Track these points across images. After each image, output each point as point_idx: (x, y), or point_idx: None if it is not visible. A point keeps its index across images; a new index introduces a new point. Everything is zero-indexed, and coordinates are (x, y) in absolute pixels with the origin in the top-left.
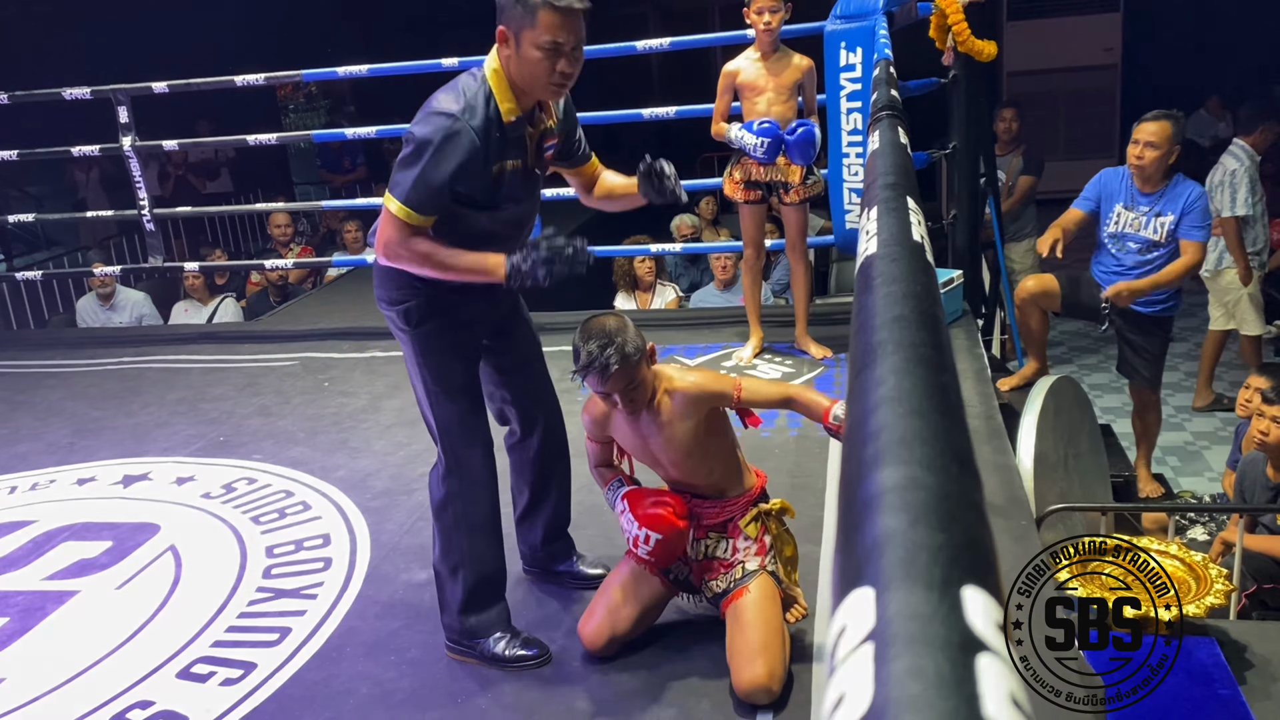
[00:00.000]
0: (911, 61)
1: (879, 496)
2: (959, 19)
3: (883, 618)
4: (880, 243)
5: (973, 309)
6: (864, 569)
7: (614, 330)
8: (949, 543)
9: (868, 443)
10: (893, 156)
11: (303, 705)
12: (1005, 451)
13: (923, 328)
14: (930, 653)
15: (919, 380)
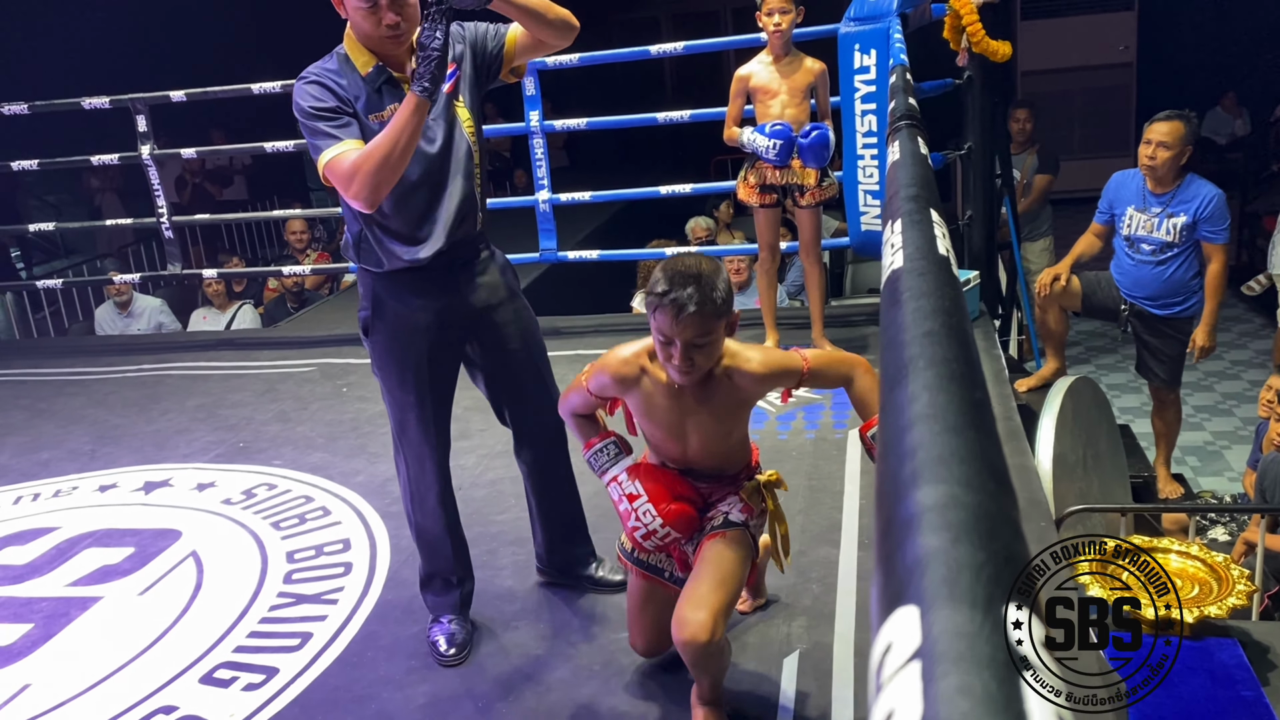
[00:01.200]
0: (925, 62)
1: (919, 515)
2: (973, 20)
3: (928, 636)
4: (906, 256)
5: (989, 310)
6: (907, 588)
7: (706, 272)
8: (990, 561)
9: (905, 461)
10: (914, 168)
11: (325, 710)
12: (1024, 453)
13: (953, 343)
14: (978, 671)
15: (953, 396)
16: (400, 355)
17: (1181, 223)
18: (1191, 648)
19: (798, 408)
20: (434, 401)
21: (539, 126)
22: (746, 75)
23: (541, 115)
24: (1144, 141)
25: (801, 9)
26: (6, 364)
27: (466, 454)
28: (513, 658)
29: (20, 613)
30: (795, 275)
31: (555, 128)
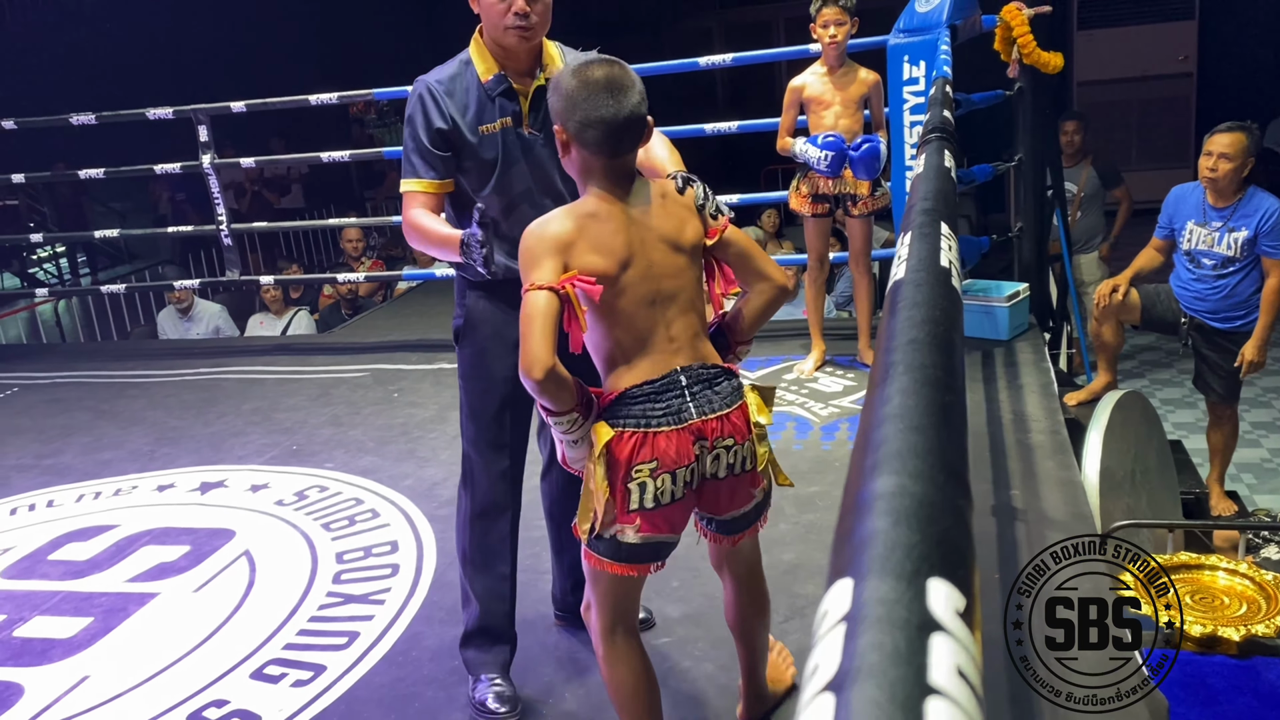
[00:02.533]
0: (977, 73)
1: (872, 501)
2: (1024, 31)
3: (857, 603)
4: (909, 268)
5: (1040, 322)
6: (850, 563)
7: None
8: (923, 542)
9: (869, 454)
10: (934, 182)
11: (370, 707)
12: (1070, 466)
13: (935, 350)
14: (891, 631)
15: (921, 399)
16: (489, 367)
17: (1242, 237)
18: (1238, 666)
19: (841, 418)
20: (513, 421)
21: None
22: (800, 86)
23: None
24: (1204, 153)
25: (856, 20)
26: (71, 366)
27: None
28: (554, 661)
29: (81, 606)
30: (844, 286)
31: None
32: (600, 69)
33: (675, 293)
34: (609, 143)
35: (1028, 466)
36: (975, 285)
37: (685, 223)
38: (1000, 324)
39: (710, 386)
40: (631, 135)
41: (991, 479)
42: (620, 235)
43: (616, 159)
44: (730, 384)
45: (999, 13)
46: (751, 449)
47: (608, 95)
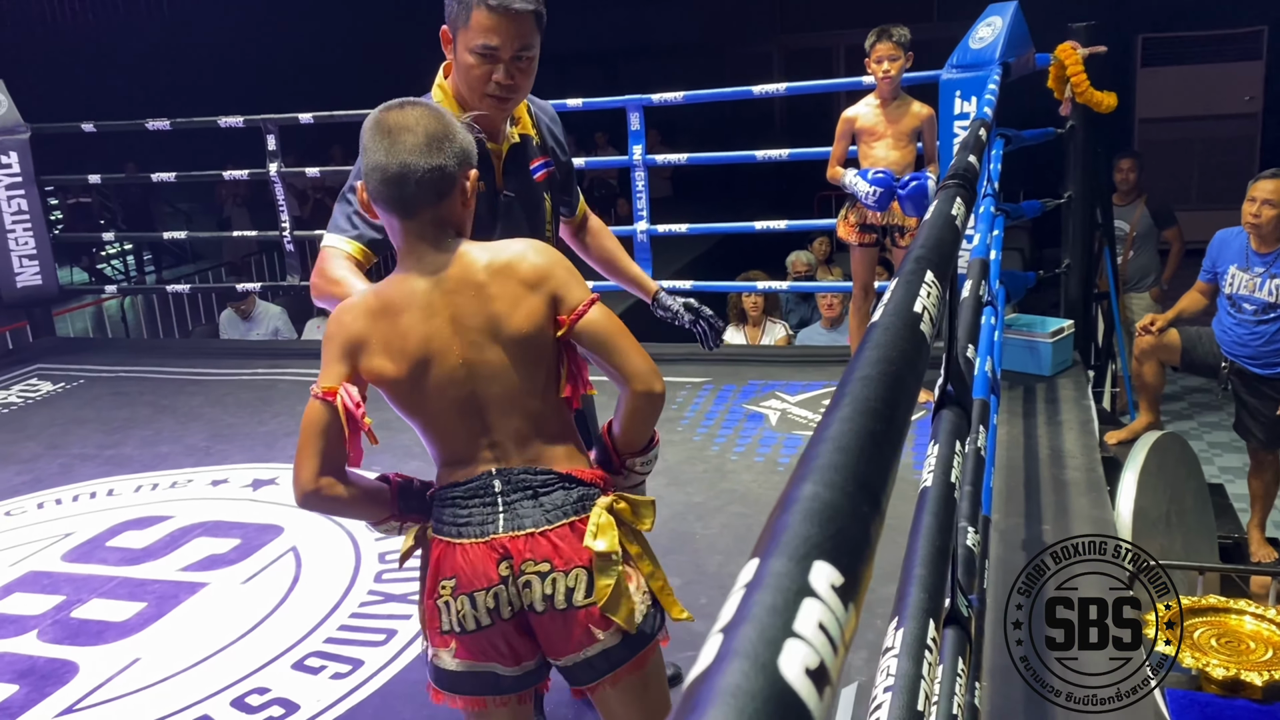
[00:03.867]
0: (1031, 108)
1: (790, 504)
2: (1078, 70)
3: (757, 575)
4: (884, 311)
5: (1084, 359)
6: (760, 549)
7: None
8: (818, 534)
9: (802, 468)
10: (935, 230)
11: (404, 702)
12: (1104, 505)
13: (882, 386)
14: (772, 593)
15: (855, 426)
16: None
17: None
18: (1261, 711)
19: None
20: None
21: (641, 160)
22: (853, 117)
23: (644, 149)
24: (1248, 199)
25: (911, 55)
26: (134, 361)
27: None
28: None
29: (135, 592)
30: None
31: (657, 162)
32: (395, 111)
33: (496, 394)
34: (390, 196)
35: (1061, 502)
36: (1020, 320)
37: (518, 305)
38: (1043, 359)
39: (535, 496)
40: (418, 190)
41: (1024, 513)
42: (418, 329)
43: (410, 219)
44: (568, 495)
45: (1053, 51)
46: (583, 579)
47: (386, 139)
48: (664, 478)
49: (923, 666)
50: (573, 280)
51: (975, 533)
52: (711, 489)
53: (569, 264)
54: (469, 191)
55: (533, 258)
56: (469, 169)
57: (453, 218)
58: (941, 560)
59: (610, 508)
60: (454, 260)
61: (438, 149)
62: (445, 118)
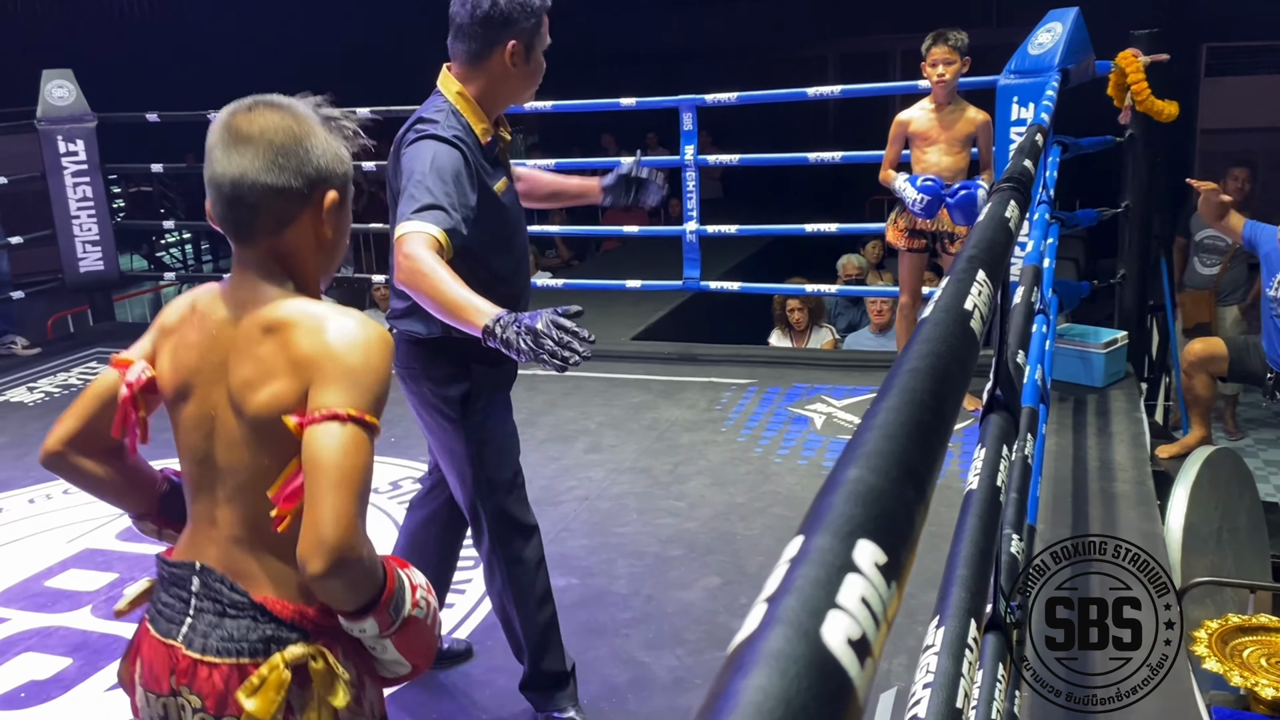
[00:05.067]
0: (1089, 116)
1: (836, 486)
2: (1139, 78)
3: (802, 550)
4: (935, 308)
5: (1138, 371)
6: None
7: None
8: (862, 514)
9: (848, 453)
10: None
11: (445, 689)
12: (1153, 519)
13: (929, 379)
14: (817, 567)
15: (903, 416)
16: (504, 428)
17: None
18: None
19: None
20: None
21: (693, 160)
22: (907, 120)
23: (696, 150)
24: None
25: (968, 60)
26: None
27: (596, 467)
28: (620, 663)
29: None
30: None
31: (708, 162)
32: (242, 114)
33: (227, 471)
34: (224, 217)
35: (1109, 515)
36: (1073, 330)
37: (268, 381)
38: (1095, 370)
39: (222, 616)
40: (233, 209)
41: (1071, 524)
42: (193, 352)
43: (245, 246)
44: (252, 629)
45: (1114, 58)
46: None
47: (225, 148)
48: (707, 478)
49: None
50: (341, 385)
51: (1020, 540)
52: (754, 490)
53: (366, 367)
54: (326, 219)
55: (314, 339)
56: (326, 190)
57: (297, 253)
58: (984, 562)
59: (292, 664)
60: (263, 305)
61: (284, 165)
62: (304, 125)
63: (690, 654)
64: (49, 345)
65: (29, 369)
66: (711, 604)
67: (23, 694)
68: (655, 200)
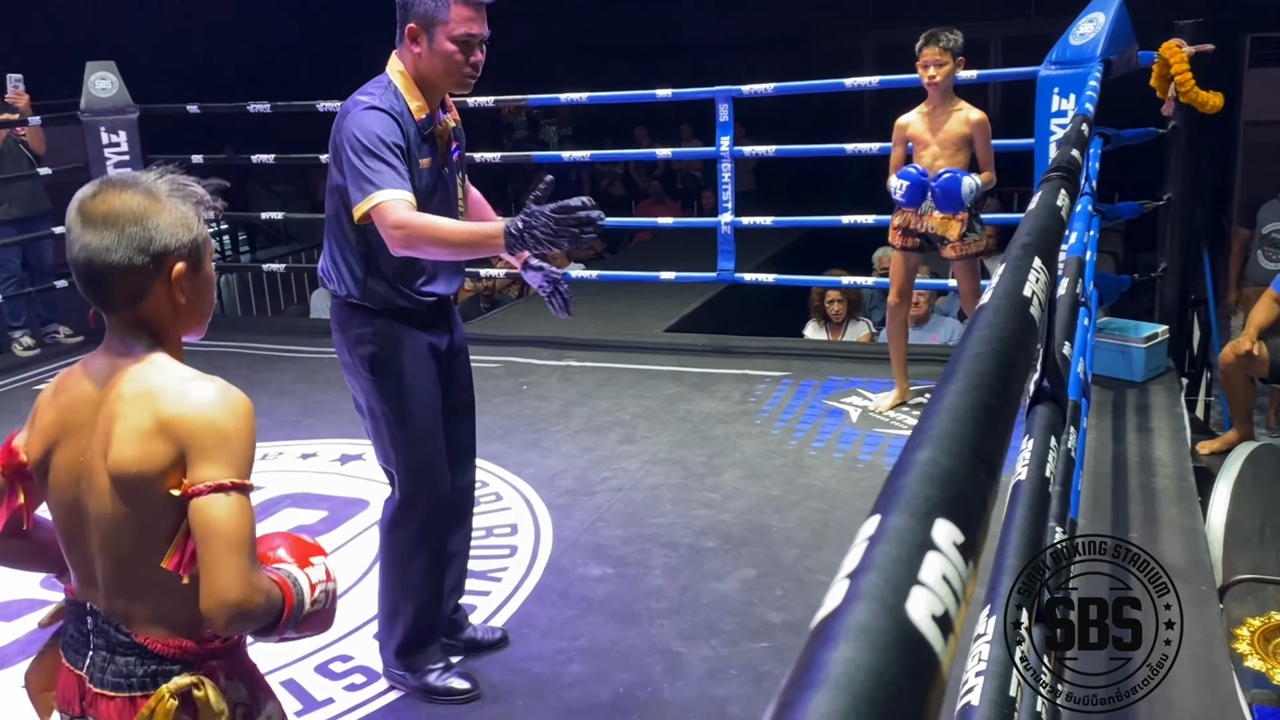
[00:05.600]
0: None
1: (909, 467)
2: (1183, 69)
3: (879, 529)
4: (994, 294)
5: (1178, 367)
6: (881, 506)
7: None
8: (939, 495)
9: (918, 436)
10: (1040, 219)
11: (482, 676)
12: (1194, 515)
13: (994, 364)
14: (897, 545)
15: (969, 399)
16: (421, 388)
17: None
18: None
19: None
20: (442, 433)
21: (728, 151)
22: (905, 124)
23: (732, 141)
24: None
25: (961, 60)
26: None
27: (630, 458)
28: (654, 652)
29: None
30: None
31: (744, 153)
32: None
33: (97, 523)
34: (89, 295)
35: (1150, 511)
36: (1112, 324)
37: (133, 443)
38: (1135, 365)
39: (112, 653)
40: (92, 287)
41: (1110, 520)
42: (61, 413)
43: (111, 316)
44: (138, 666)
45: (1157, 49)
46: None
47: (80, 230)
48: (741, 470)
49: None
50: (213, 451)
51: (1064, 533)
52: (789, 483)
53: (231, 433)
54: (177, 285)
55: (180, 404)
56: (175, 261)
57: (157, 318)
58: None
59: (184, 692)
60: (133, 366)
61: (128, 244)
62: (148, 202)
63: (725, 645)
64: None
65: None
66: (746, 596)
67: None
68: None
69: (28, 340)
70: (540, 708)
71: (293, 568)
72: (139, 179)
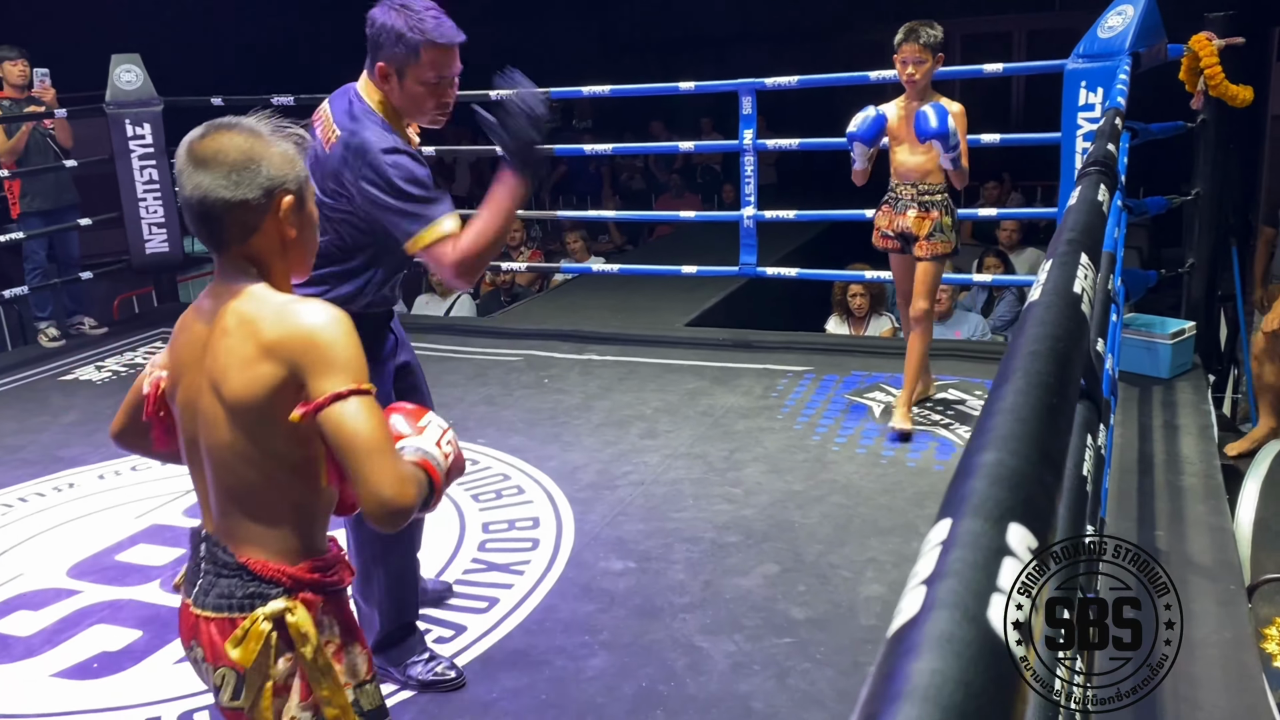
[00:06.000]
0: (1157, 101)
1: (975, 469)
2: (1213, 62)
3: (952, 533)
4: (1043, 291)
5: (1205, 363)
6: (950, 509)
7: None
8: (1010, 498)
9: (981, 436)
10: (1083, 214)
11: (503, 668)
12: (1222, 513)
13: (1051, 362)
14: (972, 550)
15: (1030, 399)
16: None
17: None
18: None
19: None
20: None
21: (751, 144)
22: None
23: (755, 134)
24: None
25: (940, 55)
26: None
27: (651, 452)
28: (677, 647)
29: None
30: (1003, 309)
31: (767, 146)
32: (198, 141)
33: (212, 450)
34: (200, 233)
35: (1177, 509)
36: (1138, 320)
37: (245, 369)
38: (1162, 361)
39: (218, 576)
40: (205, 224)
41: (1136, 518)
42: (183, 349)
43: (221, 255)
44: (239, 587)
45: (1187, 42)
46: (230, 681)
47: (191, 171)
48: (763, 465)
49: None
50: (325, 365)
51: (1093, 531)
52: (812, 478)
53: (336, 345)
54: (286, 219)
55: (280, 327)
56: (283, 196)
57: (265, 254)
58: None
59: (279, 617)
60: (234, 301)
61: (239, 180)
62: (255, 141)
63: (748, 640)
64: (115, 325)
65: (97, 348)
66: (769, 591)
67: (95, 664)
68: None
69: (53, 331)
70: (563, 701)
71: (419, 440)
72: (243, 121)
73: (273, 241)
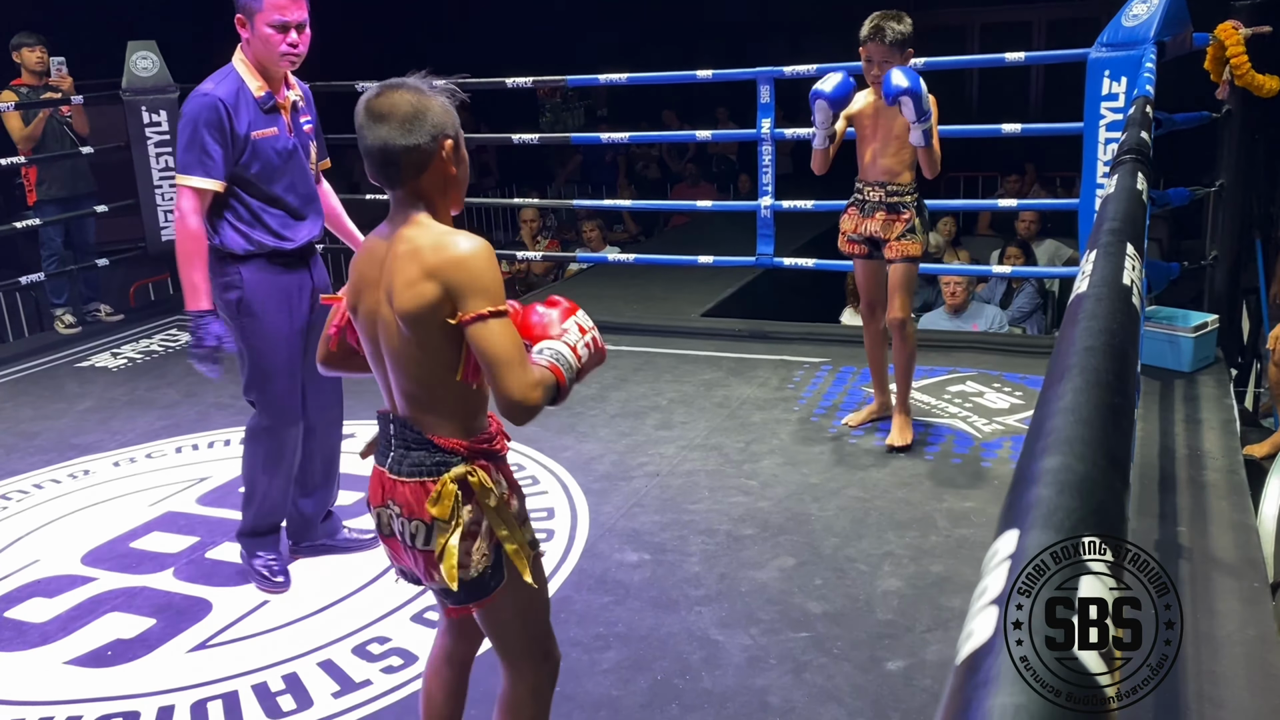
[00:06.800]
0: (1180, 92)
1: (1040, 475)
2: (1239, 51)
3: (1021, 546)
4: (1091, 283)
5: (1228, 357)
6: (1018, 519)
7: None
8: (1081, 508)
9: (1041, 438)
10: (1124, 203)
11: None
12: (1246, 510)
13: (1109, 358)
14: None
15: (1091, 398)
16: (277, 328)
17: None
18: None
19: (1005, 436)
20: (298, 370)
21: (769, 134)
22: (852, 113)
23: (773, 123)
24: None
25: (909, 52)
26: None
27: (667, 444)
28: (692, 640)
29: None
30: (1022, 301)
31: (785, 135)
32: (374, 99)
33: (391, 352)
34: (377, 176)
35: (1199, 505)
36: (1160, 313)
37: (410, 286)
38: (1184, 355)
39: (407, 449)
40: (384, 168)
41: (1158, 513)
42: (362, 271)
43: (395, 191)
44: (428, 457)
45: (1212, 30)
46: (422, 530)
47: (370, 124)
48: (779, 457)
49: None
50: (472, 288)
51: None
52: (828, 471)
53: (480, 271)
54: (449, 159)
55: (438, 255)
56: (445, 140)
57: (433, 189)
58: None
59: (461, 479)
60: (405, 229)
61: (411, 129)
62: (421, 96)
63: (764, 633)
64: (131, 312)
65: (113, 335)
66: (786, 584)
67: (109, 652)
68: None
69: (69, 318)
70: (578, 693)
71: (557, 344)
72: (408, 80)
73: (438, 178)
